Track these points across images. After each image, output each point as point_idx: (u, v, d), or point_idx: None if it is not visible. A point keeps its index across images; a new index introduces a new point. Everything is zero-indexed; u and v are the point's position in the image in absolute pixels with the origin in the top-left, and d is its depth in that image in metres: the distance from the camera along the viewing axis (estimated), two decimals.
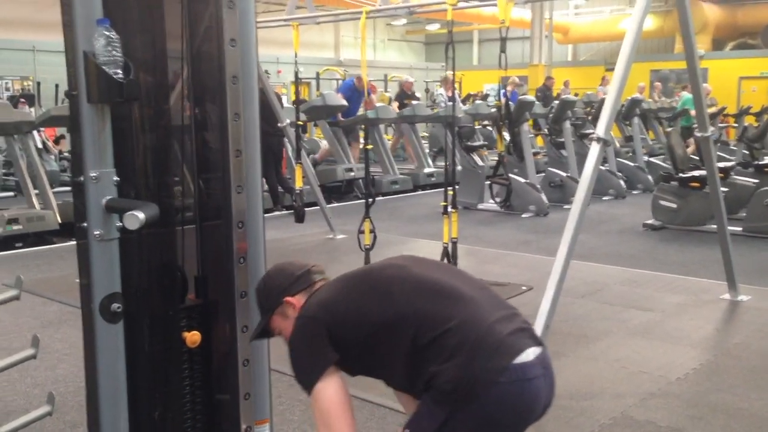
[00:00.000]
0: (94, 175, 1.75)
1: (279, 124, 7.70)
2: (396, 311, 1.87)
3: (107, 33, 1.68)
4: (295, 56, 6.90)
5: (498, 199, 9.04)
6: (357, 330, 1.90)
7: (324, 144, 11.97)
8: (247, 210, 2.05)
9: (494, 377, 1.78)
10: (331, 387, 1.88)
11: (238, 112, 1.96)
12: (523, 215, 9.10)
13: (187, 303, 2.08)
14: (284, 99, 11.76)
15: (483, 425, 1.82)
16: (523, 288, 5.64)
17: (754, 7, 22.32)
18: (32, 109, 11.92)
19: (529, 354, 1.86)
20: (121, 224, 1.77)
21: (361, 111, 11.09)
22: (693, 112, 11.38)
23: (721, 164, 7.67)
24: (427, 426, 1.82)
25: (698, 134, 5.12)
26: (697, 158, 9.19)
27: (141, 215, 1.68)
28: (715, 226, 5.63)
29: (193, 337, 2.01)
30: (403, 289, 1.91)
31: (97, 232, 1.78)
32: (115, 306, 1.84)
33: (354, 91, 11.35)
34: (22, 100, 11.07)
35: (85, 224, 1.79)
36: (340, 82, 15.67)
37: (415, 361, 1.84)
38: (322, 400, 1.88)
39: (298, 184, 7.52)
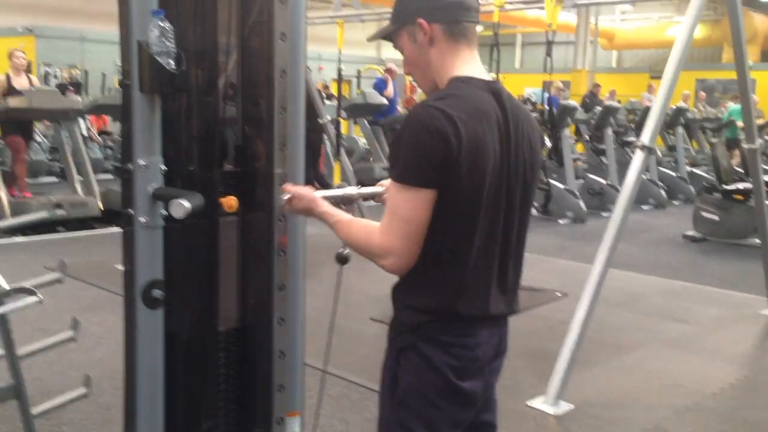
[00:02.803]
0: (143, 163, 1.78)
1: (320, 121, 7.74)
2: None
3: (161, 24, 1.71)
4: (339, 53, 6.94)
5: (536, 204, 8.97)
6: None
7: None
8: None
9: None
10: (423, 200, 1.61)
11: (284, 106, 1.97)
12: (561, 221, 9.02)
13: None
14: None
15: None
16: (558, 294, 5.60)
17: None
18: (79, 97, 12.15)
19: None
20: (166, 212, 1.80)
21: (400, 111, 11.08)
22: (740, 124, 11.16)
23: (767, 177, 7.52)
24: None
25: (746, 146, 5.02)
26: (742, 170, 9.00)
27: (187, 204, 1.71)
28: (757, 241, 5.52)
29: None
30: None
31: (143, 219, 1.81)
32: (156, 292, 1.87)
33: (385, 86, 11.30)
34: (70, 87, 11.28)
35: (132, 211, 1.82)
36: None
37: None
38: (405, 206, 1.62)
39: (336, 180, 7.56)
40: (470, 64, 1.74)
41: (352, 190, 2.07)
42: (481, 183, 1.64)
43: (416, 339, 1.72)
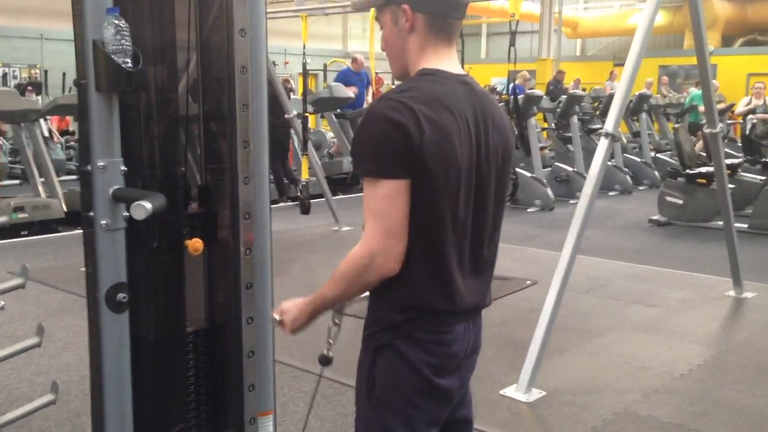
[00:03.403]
0: (102, 164, 1.75)
1: (286, 116, 7.68)
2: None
3: (117, 22, 1.68)
4: (304, 47, 6.89)
5: None
6: None
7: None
8: (254, 201, 2.04)
9: None
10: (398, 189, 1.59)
11: (246, 103, 1.95)
12: (529, 209, 9.09)
13: None
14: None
15: None
16: (528, 282, 5.64)
17: (764, 4, 22.16)
18: (39, 98, 11.93)
19: None
20: (127, 214, 1.77)
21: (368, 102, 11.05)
22: (701, 109, 11.33)
23: (729, 161, 7.64)
24: None
25: (707, 130, 5.10)
26: (704, 155, 9.16)
27: (148, 205, 1.68)
28: (720, 223, 5.61)
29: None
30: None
31: (104, 222, 1.78)
32: (120, 296, 1.84)
33: (351, 76, 11.27)
34: (30, 88, 11.08)
35: (92, 213, 1.79)
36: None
37: None
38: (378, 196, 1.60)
39: (304, 175, 7.52)
40: (444, 60, 1.73)
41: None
42: (449, 175, 1.62)
43: (393, 337, 1.71)
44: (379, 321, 1.74)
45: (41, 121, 9.62)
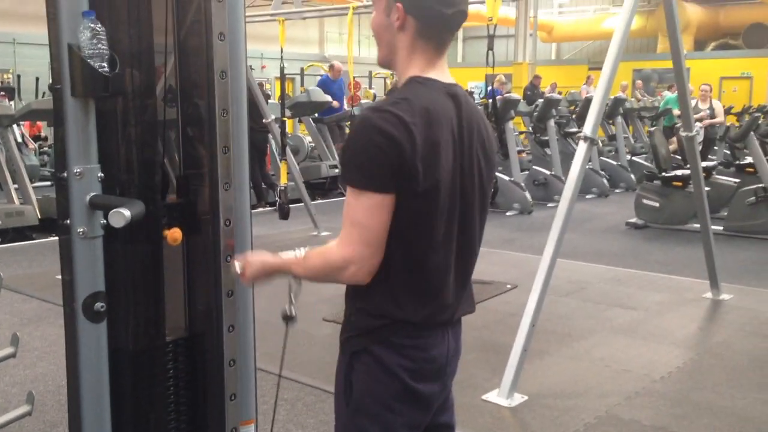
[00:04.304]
0: (78, 170, 1.71)
1: (264, 120, 7.64)
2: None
3: (93, 25, 1.64)
4: (281, 52, 6.86)
5: None
6: None
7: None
8: (235, 207, 2.01)
9: None
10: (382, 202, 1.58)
11: (226, 108, 1.92)
12: (507, 213, 9.12)
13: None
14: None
15: None
16: (508, 286, 5.65)
17: (735, 8, 22.54)
18: (12, 103, 11.75)
19: None
20: (105, 221, 1.73)
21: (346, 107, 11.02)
22: (676, 112, 11.45)
23: (704, 164, 7.73)
24: None
25: (683, 134, 5.14)
26: (679, 157, 9.26)
27: (127, 213, 1.64)
28: (696, 225, 5.67)
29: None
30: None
31: (81, 230, 1.74)
32: (98, 305, 1.80)
33: (330, 84, 11.24)
34: (2, 93, 10.91)
35: (69, 221, 1.75)
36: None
37: None
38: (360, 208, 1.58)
39: (283, 180, 7.48)
40: (435, 67, 1.70)
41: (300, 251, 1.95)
42: (437, 187, 1.61)
43: (369, 342, 1.69)
44: (355, 326, 1.72)
45: (14, 126, 9.47)
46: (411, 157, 1.55)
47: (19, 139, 10.67)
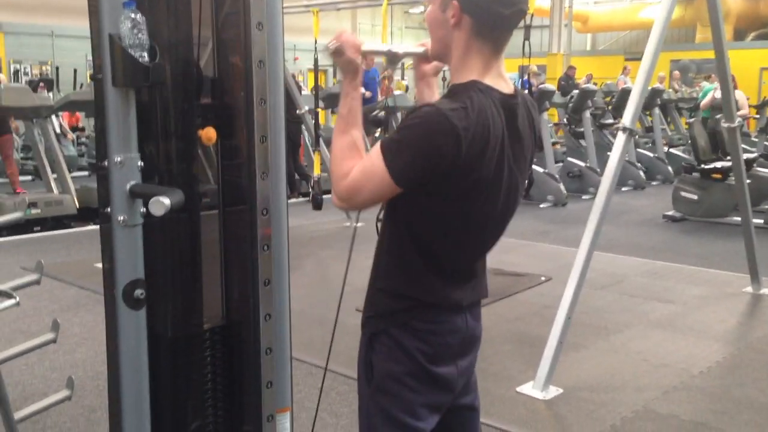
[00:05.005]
0: (119, 159, 1.73)
1: (297, 111, 7.66)
2: None
3: (133, 16, 1.65)
4: (315, 43, 6.86)
5: None
6: None
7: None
8: (272, 197, 2.02)
9: None
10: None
11: (264, 98, 1.92)
12: (541, 205, 9.04)
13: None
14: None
15: None
16: (542, 278, 5.60)
17: None
18: (51, 94, 11.96)
19: None
20: (145, 209, 1.75)
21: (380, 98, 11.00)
22: (705, 102, 11.19)
23: (744, 156, 7.56)
24: None
25: (725, 125, 5.04)
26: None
27: (167, 201, 1.65)
28: (736, 218, 5.56)
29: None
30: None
31: (121, 218, 1.76)
32: (138, 292, 1.82)
33: (362, 75, 11.19)
34: (42, 84, 11.09)
35: (109, 209, 1.77)
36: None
37: None
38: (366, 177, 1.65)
39: (316, 171, 7.50)
40: (493, 72, 1.68)
41: (398, 47, 1.94)
42: (474, 196, 1.63)
43: (389, 325, 1.72)
44: (375, 306, 1.76)
45: (53, 117, 9.65)
46: (451, 166, 1.56)
47: (58, 130, 10.86)
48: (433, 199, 1.63)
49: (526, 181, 1.86)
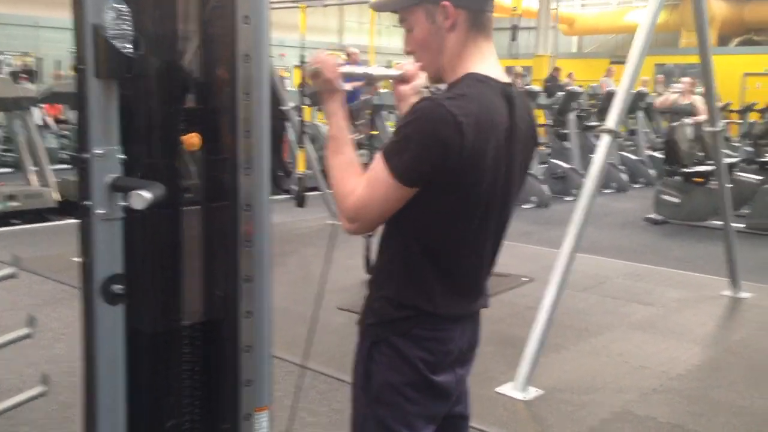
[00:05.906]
0: (100, 152, 1.70)
1: (282, 108, 7.62)
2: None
3: (118, 6, 1.63)
4: (303, 39, 6.84)
5: None
6: None
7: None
8: (255, 192, 1.99)
9: None
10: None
11: (248, 92, 1.90)
12: (524, 206, 9.06)
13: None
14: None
15: None
16: (524, 279, 5.61)
17: (760, 4, 22.19)
18: (33, 85, 11.83)
19: None
20: (125, 203, 1.72)
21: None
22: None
23: (726, 160, 7.63)
24: None
25: (708, 129, 5.07)
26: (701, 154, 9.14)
27: (147, 195, 1.63)
28: (716, 222, 5.60)
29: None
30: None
31: (101, 211, 1.73)
32: (116, 287, 1.79)
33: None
34: (23, 75, 10.97)
35: (88, 203, 1.74)
36: None
37: None
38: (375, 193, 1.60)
39: (301, 168, 7.47)
40: (488, 60, 1.67)
41: (375, 70, 1.94)
42: (476, 189, 1.60)
43: (389, 333, 1.68)
44: (376, 313, 1.72)
45: (35, 109, 9.53)
46: (456, 159, 1.53)
47: (40, 122, 10.73)
48: (440, 198, 1.59)
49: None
